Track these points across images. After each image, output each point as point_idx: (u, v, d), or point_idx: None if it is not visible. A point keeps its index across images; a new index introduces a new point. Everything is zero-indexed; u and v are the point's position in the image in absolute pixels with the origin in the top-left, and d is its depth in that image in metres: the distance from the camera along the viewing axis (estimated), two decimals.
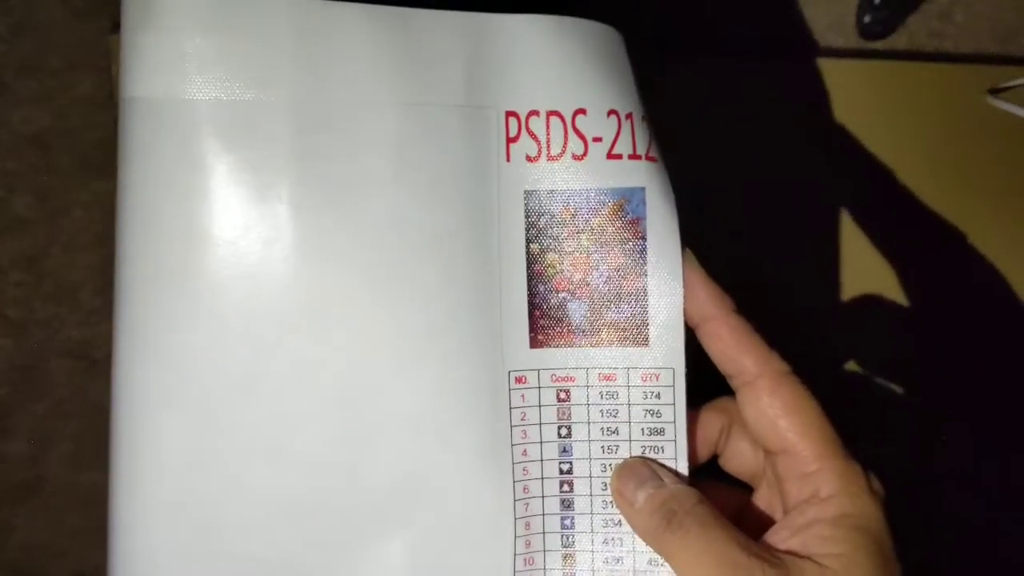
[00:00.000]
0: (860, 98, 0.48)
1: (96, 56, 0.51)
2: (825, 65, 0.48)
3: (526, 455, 0.22)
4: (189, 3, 0.21)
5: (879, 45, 0.52)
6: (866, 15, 0.50)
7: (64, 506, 0.53)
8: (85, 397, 0.53)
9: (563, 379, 0.22)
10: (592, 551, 0.21)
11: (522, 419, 0.22)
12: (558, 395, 0.22)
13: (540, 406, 0.22)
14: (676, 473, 0.22)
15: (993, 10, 0.51)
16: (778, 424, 0.21)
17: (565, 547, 0.22)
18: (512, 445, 0.22)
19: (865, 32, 0.51)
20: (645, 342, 0.22)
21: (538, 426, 0.22)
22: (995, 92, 0.48)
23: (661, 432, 0.22)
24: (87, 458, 0.53)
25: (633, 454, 0.22)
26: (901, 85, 0.48)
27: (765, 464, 0.22)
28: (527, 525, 0.22)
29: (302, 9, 0.21)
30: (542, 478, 0.22)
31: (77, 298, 0.53)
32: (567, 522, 0.22)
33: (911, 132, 0.49)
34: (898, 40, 0.52)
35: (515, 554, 0.22)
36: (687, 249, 0.24)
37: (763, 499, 0.22)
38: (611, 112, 0.23)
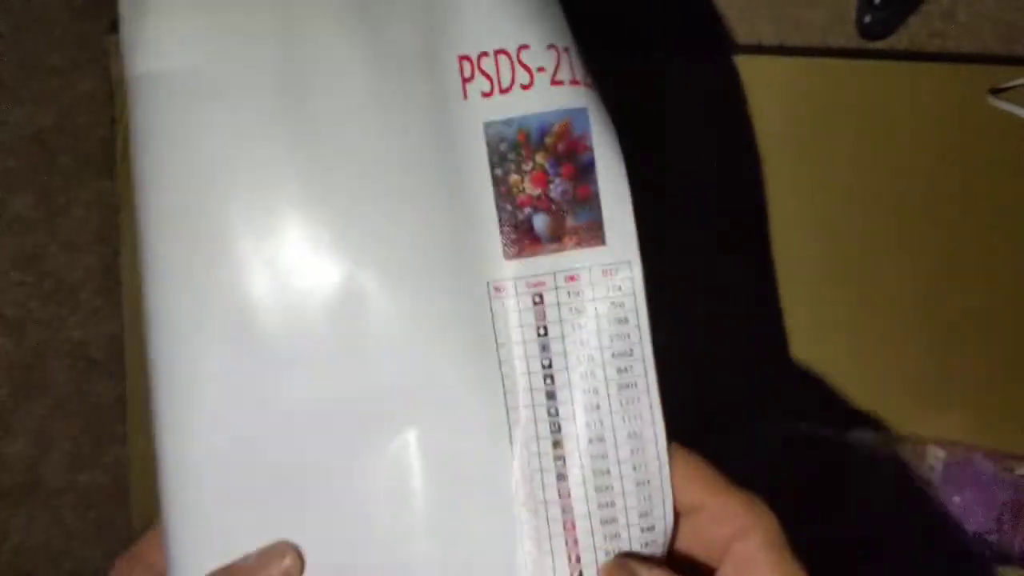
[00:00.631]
0: (860, 98, 0.48)
1: (97, 55, 0.51)
2: (825, 65, 0.48)
3: (511, 354, 0.25)
4: None
5: (879, 45, 0.52)
6: (866, 15, 0.50)
7: (63, 507, 0.53)
8: (85, 397, 0.53)
9: (536, 284, 0.25)
10: (577, 435, 0.25)
11: (504, 323, 0.25)
12: (533, 299, 0.25)
13: (520, 311, 0.25)
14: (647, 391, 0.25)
15: (996, 10, 0.51)
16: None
17: (553, 434, 0.25)
18: (498, 346, 0.25)
19: (865, 32, 0.51)
20: (603, 242, 0.25)
21: (520, 328, 0.25)
22: (996, 92, 0.48)
23: (625, 321, 0.25)
24: (86, 458, 0.53)
25: (602, 343, 0.25)
26: (902, 85, 0.48)
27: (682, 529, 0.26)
28: (518, 416, 0.25)
29: None
30: (528, 372, 0.25)
31: (77, 298, 0.53)
32: (552, 411, 0.25)
33: (912, 132, 0.49)
34: (899, 40, 0.52)
35: (511, 441, 0.25)
36: None
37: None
38: (550, 46, 0.25)
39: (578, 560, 0.25)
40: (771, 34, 0.52)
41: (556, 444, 0.25)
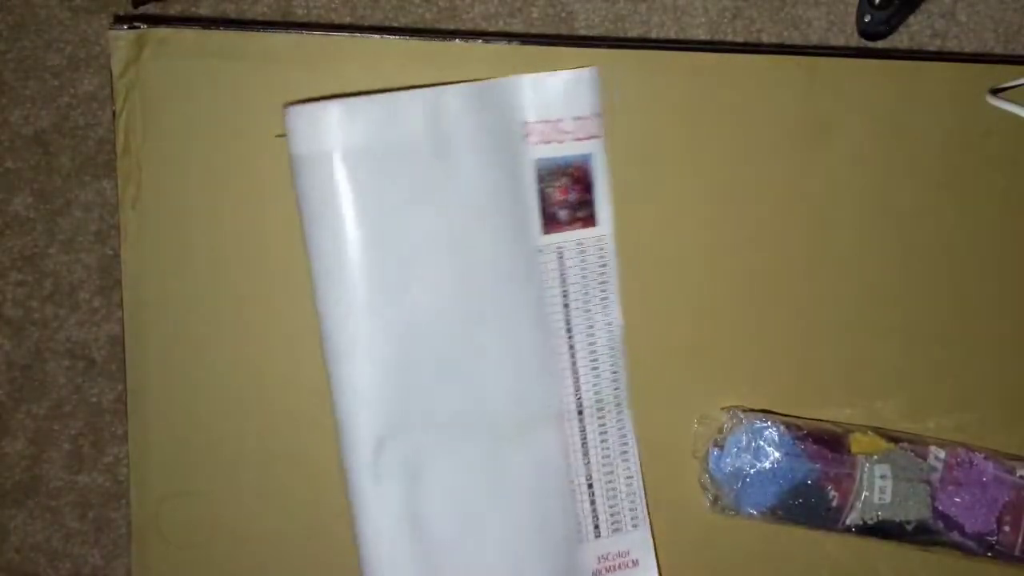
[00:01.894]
0: (860, 98, 0.48)
1: (97, 54, 0.51)
2: (825, 65, 0.48)
3: (548, 292, 0.46)
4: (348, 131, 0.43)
5: (879, 45, 0.52)
6: (866, 15, 0.50)
7: (62, 507, 0.53)
8: (85, 397, 0.53)
9: (559, 247, 0.46)
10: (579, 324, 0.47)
11: (542, 271, 0.46)
12: (559, 256, 0.46)
13: (550, 263, 0.46)
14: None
15: (996, 10, 0.51)
16: None
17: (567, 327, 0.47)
18: (542, 286, 0.46)
19: (865, 32, 0.51)
20: (595, 224, 0.47)
21: (550, 273, 0.46)
22: (996, 92, 0.48)
23: (605, 264, 0.47)
24: (86, 459, 0.53)
25: (592, 273, 0.47)
26: (902, 85, 0.48)
27: None
28: (555, 343, 0.47)
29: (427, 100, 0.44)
30: (563, 305, 0.47)
31: (77, 298, 0.53)
32: (569, 340, 0.47)
33: (912, 132, 0.49)
34: (899, 40, 0.52)
35: (547, 348, 0.47)
36: None
37: None
38: (577, 118, 0.46)
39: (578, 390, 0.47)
40: (771, 34, 0.52)
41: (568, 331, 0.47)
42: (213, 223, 0.48)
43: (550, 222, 0.46)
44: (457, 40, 0.47)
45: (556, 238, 0.46)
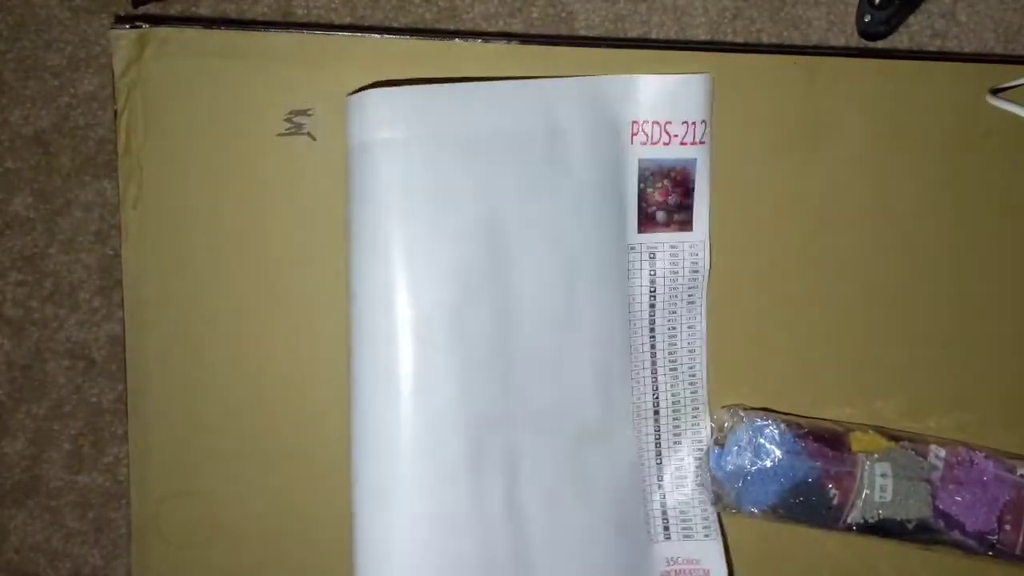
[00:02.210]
0: (860, 98, 0.48)
1: (98, 54, 0.51)
2: (825, 65, 0.48)
3: (635, 290, 0.47)
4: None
5: (879, 45, 0.52)
6: (866, 15, 0.50)
7: (63, 507, 0.53)
8: (85, 397, 0.53)
9: (651, 247, 0.47)
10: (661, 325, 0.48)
11: (633, 269, 0.47)
12: (651, 256, 0.47)
13: (641, 262, 0.47)
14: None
15: (996, 10, 0.51)
16: None
17: (650, 332, 0.48)
18: (631, 284, 0.47)
19: (865, 32, 0.51)
20: (691, 229, 0.47)
21: (640, 271, 0.47)
22: (996, 92, 0.48)
23: (697, 271, 0.47)
24: (86, 458, 0.53)
25: (683, 281, 0.47)
26: (902, 85, 0.48)
27: None
28: (638, 342, 0.47)
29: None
30: (649, 305, 0.47)
31: (77, 298, 0.52)
32: (652, 340, 0.48)
33: (912, 132, 0.49)
34: (899, 40, 0.52)
35: (631, 347, 0.47)
36: None
37: None
38: (684, 122, 0.46)
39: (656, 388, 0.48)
40: (771, 34, 0.52)
41: (652, 330, 0.48)
42: (213, 223, 0.48)
43: (646, 221, 0.46)
44: (457, 40, 0.47)
45: (650, 238, 0.46)
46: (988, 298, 0.49)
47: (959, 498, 0.45)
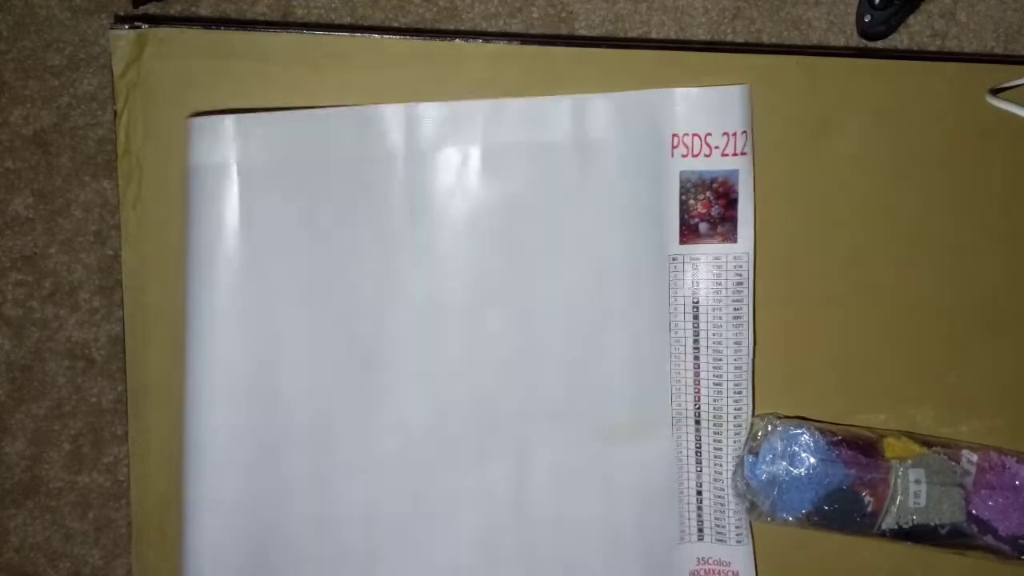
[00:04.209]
0: (860, 98, 0.48)
1: (97, 54, 0.51)
2: (825, 65, 0.48)
3: (677, 300, 0.48)
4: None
5: (879, 45, 0.52)
6: (866, 15, 0.50)
7: (62, 507, 0.53)
8: (85, 397, 0.53)
9: (694, 257, 0.47)
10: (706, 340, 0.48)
11: (674, 279, 0.48)
12: (693, 267, 0.47)
13: (683, 272, 0.47)
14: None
15: (996, 10, 0.51)
16: None
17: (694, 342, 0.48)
18: (670, 293, 0.48)
19: (865, 32, 0.51)
20: (735, 240, 0.47)
21: (681, 282, 0.47)
22: (996, 92, 0.48)
23: (742, 284, 0.48)
24: (86, 458, 0.53)
25: (727, 295, 0.47)
26: (902, 85, 0.48)
27: None
28: (678, 352, 0.48)
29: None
30: (684, 296, 0.48)
31: (77, 298, 0.52)
32: (695, 351, 0.48)
33: (912, 132, 0.49)
34: (899, 40, 0.52)
35: (671, 355, 0.48)
36: None
37: None
38: (724, 133, 0.46)
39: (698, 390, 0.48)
40: (771, 34, 0.52)
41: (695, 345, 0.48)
42: None
43: (689, 232, 0.47)
44: (457, 40, 0.47)
45: (692, 249, 0.47)
46: (992, 299, 0.49)
47: (991, 502, 0.45)
